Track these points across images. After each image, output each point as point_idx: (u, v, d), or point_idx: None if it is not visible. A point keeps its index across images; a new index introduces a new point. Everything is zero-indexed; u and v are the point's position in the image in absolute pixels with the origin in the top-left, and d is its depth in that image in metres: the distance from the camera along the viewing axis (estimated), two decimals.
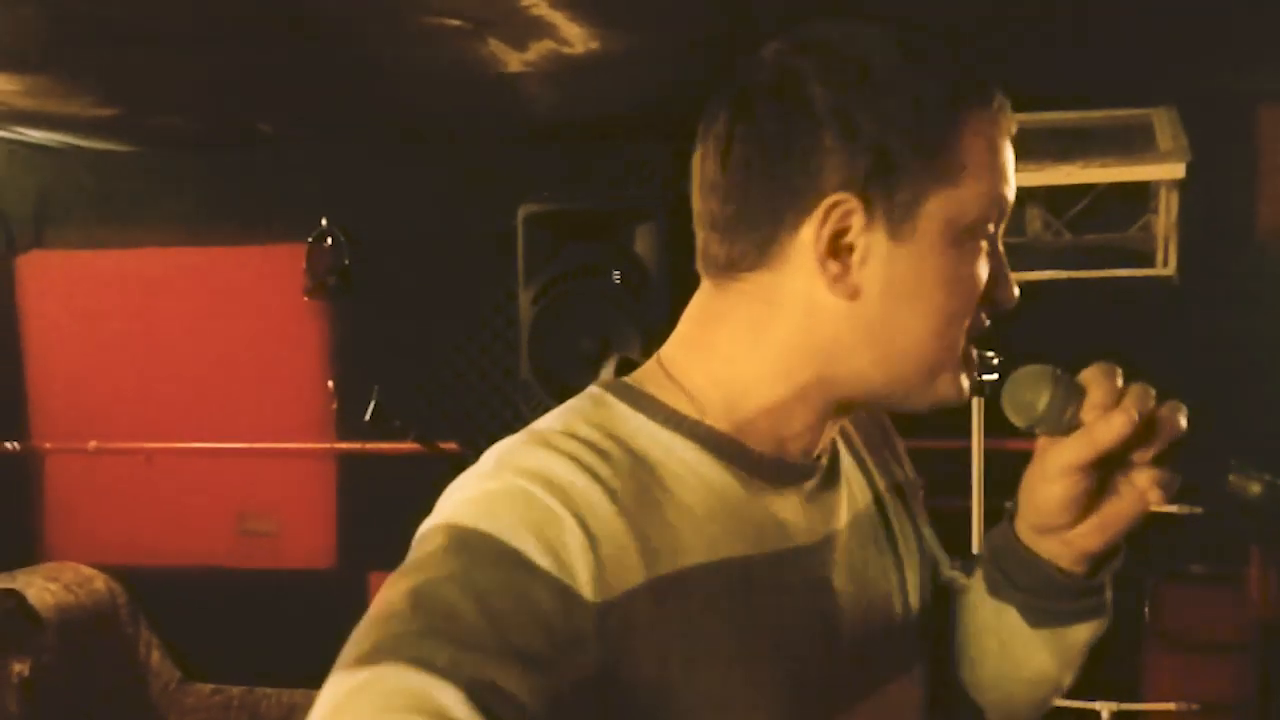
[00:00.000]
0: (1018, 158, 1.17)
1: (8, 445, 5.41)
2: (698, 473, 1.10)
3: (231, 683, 5.20)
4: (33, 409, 5.51)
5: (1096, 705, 4.03)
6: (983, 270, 1.13)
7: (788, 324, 1.11)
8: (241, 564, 5.24)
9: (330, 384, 4.99)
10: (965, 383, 1.17)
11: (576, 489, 1.02)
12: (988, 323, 1.18)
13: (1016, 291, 1.18)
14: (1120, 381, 1.13)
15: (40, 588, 4.92)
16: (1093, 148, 4.18)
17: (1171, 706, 4.11)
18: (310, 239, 5.04)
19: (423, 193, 4.92)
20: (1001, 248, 1.17)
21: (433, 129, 4.62)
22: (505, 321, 4.80)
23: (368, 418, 4.12)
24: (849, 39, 1.09)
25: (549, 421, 1.10)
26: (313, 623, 3.20)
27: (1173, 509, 4.19)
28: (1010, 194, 1.15)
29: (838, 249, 1.08)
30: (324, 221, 5.02)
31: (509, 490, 1.01)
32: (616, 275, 4.22)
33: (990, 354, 3.74)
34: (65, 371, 5.47)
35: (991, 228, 1.13)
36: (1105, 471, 1.14)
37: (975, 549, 3.97)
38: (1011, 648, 1.28)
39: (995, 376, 3.27)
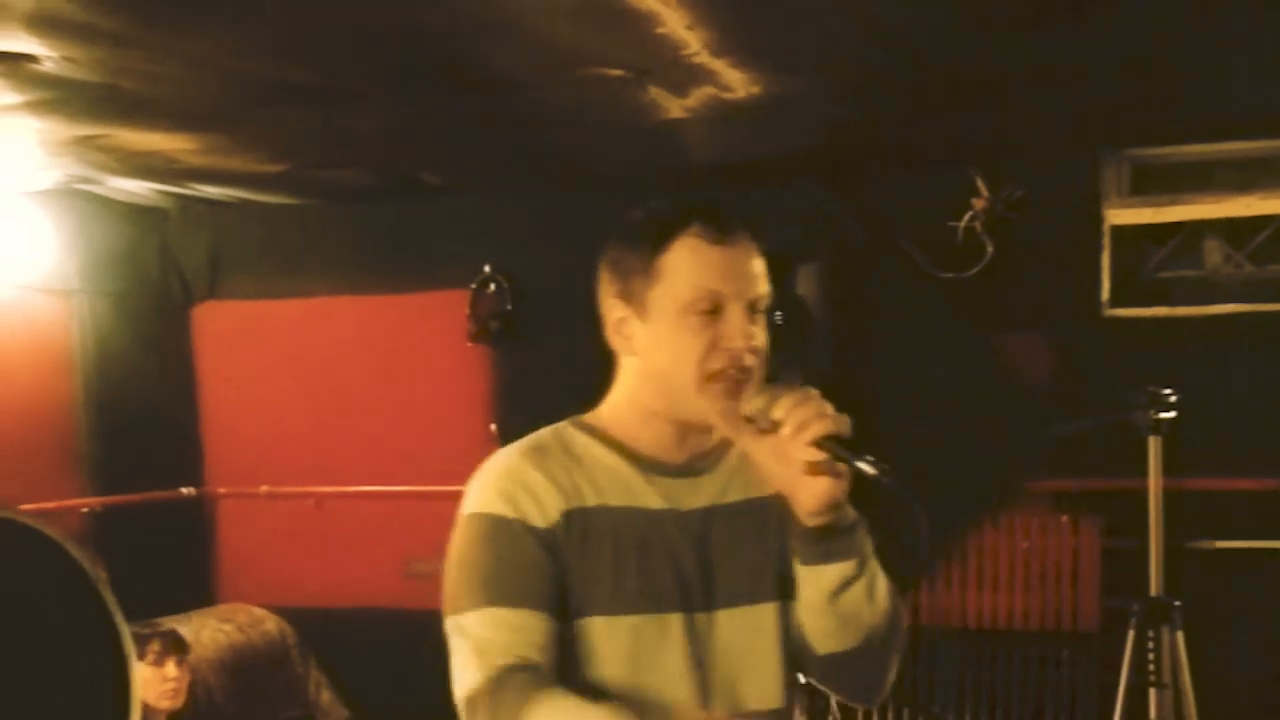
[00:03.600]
0: (1195, 189, 1.38)
1: (184, 490, 5.56)
2: (601, 459, 1.84)
3: None
4: (208, 454, 5.66)
5: None
6: (695, 334, 1.73)
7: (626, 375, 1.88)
8: (408, 605, 5.29)
9: (493, 427, 5.03)
10: (713, 406, 1.75)
11: (523, 469, 1.79)
12: (732, 369, 1.73)
13: (738, 349, 1.73)
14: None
15: (214, 629, 5.05)
16: (1275, 176, 4.04)
17: None
18: (474, 285, 5.11)
19: (583, 238, 4.90)
20: (738, 320, 1.74)
21: (593, 175, 4.64)
22: None
23: None
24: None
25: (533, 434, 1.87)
26: None
27: None
28: (717, 283, 1.74)
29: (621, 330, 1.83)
30: (487, 268, 5.09)
31: (489, 477, 1.80)
32: (778, 316, 4.18)
33: (1168, 391, 3.70)
34: (238, 418, 5.61)
35: (704, 306, 1.73)
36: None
37: (1153, 590, 3.84)
38: (798, 584, 1.82)
39: (1173, 415, 3.27)
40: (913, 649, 4.69)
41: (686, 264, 1.75)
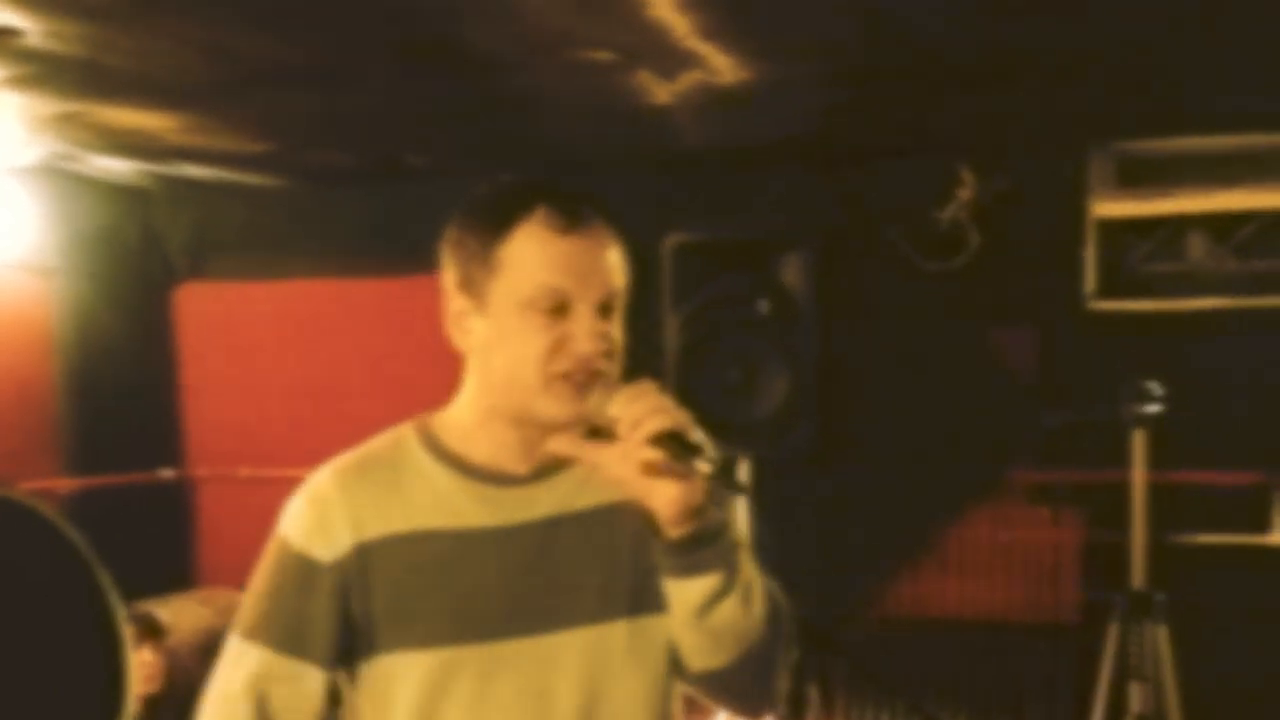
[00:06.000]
0: (1181, 183, 1.36)
1: (163, 472, 5.53)
2: (426, 474, 1.70)
3: None
4: (188, 437, 5.63)
5: None
6: (537, 332, 1.58)
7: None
8: None
9: None
10: (559, 407, 1.60)
11: (325, 493, 1.70)
12: (578, 374, 1.59)
13: (585, 353, 1.58)
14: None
15: (193, 612, 5.01)
16: (1260, 171, 4.04)
17: None
18: None
19: None
20: (587, 320, 1.59)
21: (580, 159, 4.62)
22: (650, 351, 4.76)
23: None
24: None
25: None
26: None
27: None
28: (562, 280, 1.58)
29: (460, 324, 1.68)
30: None
31: (298, 496, 1.73)
32: (764, 305, 4.17)
33: (1154, 385, 3.71)
34: (219, 400, 5.58)
35: (547, 304, 1.58)
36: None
37: (1135, 583, 3.85)
38: (668, 599, 1.65)
39: (1159, 408, 3.28)
40: (892, 639, 4.70)
41: (528, 257, 1.60)
